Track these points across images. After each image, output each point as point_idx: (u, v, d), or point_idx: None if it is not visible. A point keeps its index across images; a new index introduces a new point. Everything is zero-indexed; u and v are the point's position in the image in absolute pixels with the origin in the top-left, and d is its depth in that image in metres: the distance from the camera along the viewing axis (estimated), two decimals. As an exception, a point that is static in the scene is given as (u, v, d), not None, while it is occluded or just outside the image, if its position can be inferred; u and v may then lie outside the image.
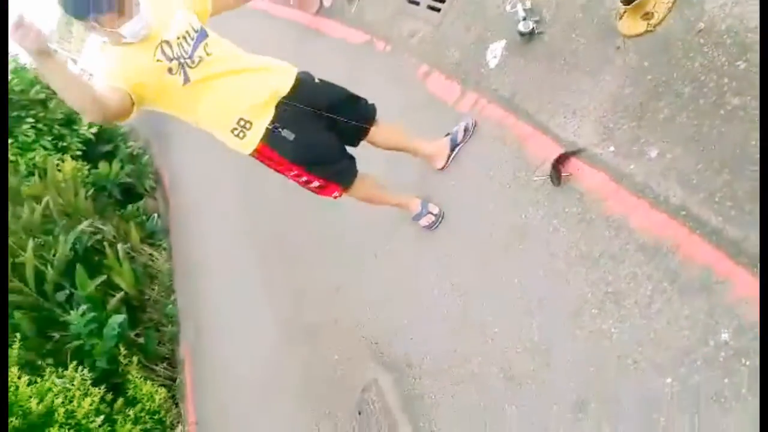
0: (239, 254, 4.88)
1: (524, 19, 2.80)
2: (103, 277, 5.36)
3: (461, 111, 3.00)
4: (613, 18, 2.38)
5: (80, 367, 3.99)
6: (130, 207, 7.69)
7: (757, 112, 1.70)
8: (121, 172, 7.92)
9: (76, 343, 4.53)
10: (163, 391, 4.78)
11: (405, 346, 2.65)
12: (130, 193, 8.05)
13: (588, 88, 2.34)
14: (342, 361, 3.06)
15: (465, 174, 2.75)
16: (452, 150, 2.82)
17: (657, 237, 1.83)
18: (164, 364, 5.42)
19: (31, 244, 5.22)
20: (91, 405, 3.64)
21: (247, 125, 2.24)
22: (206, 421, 4.37)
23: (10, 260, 5.20)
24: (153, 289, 6.39)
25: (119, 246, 6.29)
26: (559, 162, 2.22)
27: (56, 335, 4.69)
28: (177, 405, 4.89)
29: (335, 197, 2.53)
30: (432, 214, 2.73)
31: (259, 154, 2.32)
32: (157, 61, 2.05)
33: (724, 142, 1.76)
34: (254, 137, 2.27)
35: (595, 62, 2.37)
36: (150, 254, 6.94)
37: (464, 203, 2.67)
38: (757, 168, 1.63)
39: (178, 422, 4.60)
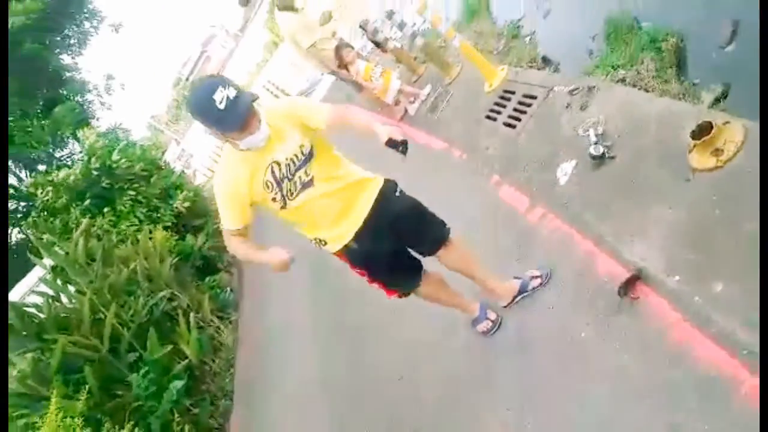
0: (302, 340, 4.99)
1: (596, 143, 2.93)
2: (171, 347, 5.59)
3: (531, 222, 3.09)
4: (684, 151, 2.45)
5: (136, 429, 4.12)
6: (207, 279, 8.06)
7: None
8: (204, 245, 8.38)
9: (136, 404, 4.70)
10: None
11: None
12: (210, 266, 8.46)
13: (656, 215, 2.38)
14: None
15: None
16: (520, 293, 2.77)
17: (718, 372, 1.79)
18: (211, 439, 5.48)
19: (114, 306, 5.57)
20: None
21: (323, 243, 2.44)
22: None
23: (90, 317, 5.57)
24: (214, 361, 6.57)
25: (191, 315, 6.58)
26: (628, 284, 2.24)
27: (120, 393, 4.89)
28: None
29: (395, 299, 2.66)
30: (489, 320, 2.76)
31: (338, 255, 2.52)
32: (267, 184, 2.23)
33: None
34: (329, 249, 2.48)
35: (664, 190, 2.43)
36: (218, 327, 7.18)
37: (524, 316, 2.69)
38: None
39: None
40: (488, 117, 4.30)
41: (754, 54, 3.61)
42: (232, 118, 2.00)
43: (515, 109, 4.07)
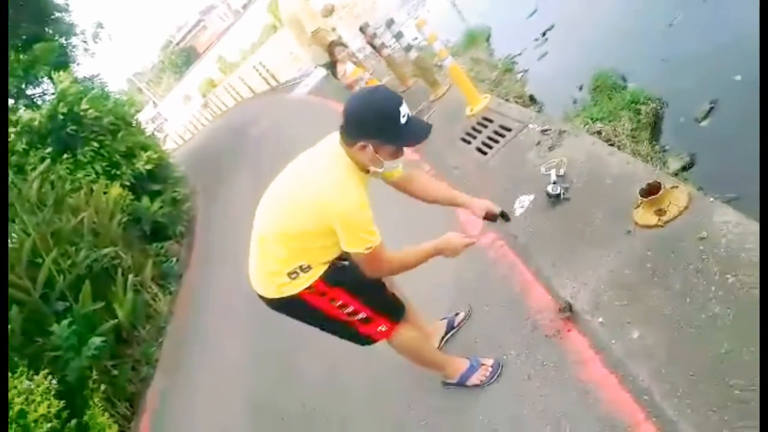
0: (235, 323, 4.96)
1: (555, 183, 3.05)
2: (103, 304, 5.49)
3: (480, 245, 3.18)
4: (631, 205, 2.58)
5: (50, 377, 4.04)
6: (155, 245, 7.94)
7: (731, 323, 1.82)
8: (159, 211, 8.26)
9: (55, 353, 4.60)
10: (115, 428, 4.71)
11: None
12: (161, 233, 8.34)
13: (594, 259, 2.49)
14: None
15: (464, 301, 2.87)
16: (447, 332, 2.76)
17: (617, 413, 1.89)
18: (127, 403, 5.38)
19: (54, 253, 5.46)
20: (46, 412, 3.65)
21: (307, 269, 2.09)
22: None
23: (29, 258, 5.43)
24: (145, 328, 6.47)
25: (130, 277, 6.48)
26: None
27: (40, 341, 4.78)
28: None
29: (380, 333, 2.26)
30: (486, 365, 2.43)
31: (305, 293, 2.12)
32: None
33: (697, 343, 1.86)
34: (310, 278, 2.11)
35: (606, 238, 2.55)
36: (155, 294, 7.09)
37: (457, 335, 2.76)
38: (722, 376, 1.72)
39: (119, 465, 4.51)
40: (463, 139, 4.40)
41: (724, 133, 3.83)
42: (418, 132, 1.94)
43: (489, 137, 4.18)
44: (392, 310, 2.29)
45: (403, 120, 1.89)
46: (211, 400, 4.37)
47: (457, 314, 2.81)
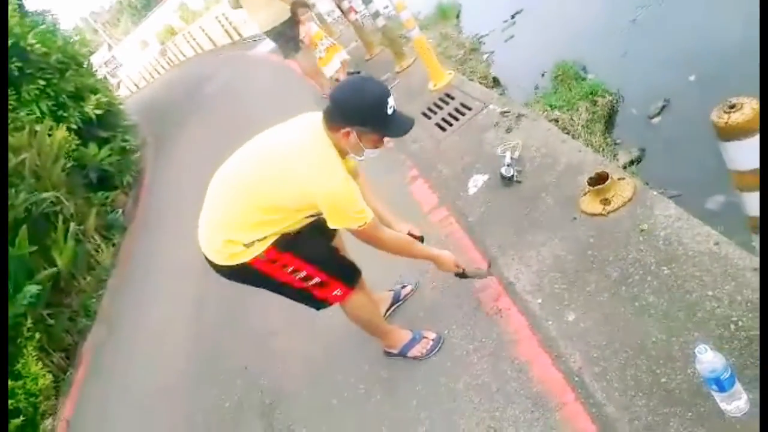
0: (179, 280, 4.88)
1: (508, 165, 3.10)
2: (35, 248, 5.29)
3: (431, 220, 3.21)
4: (578, 192, 2.65)
5: (-18, 323, 3.90)
6: (100, 194, 7.68)
7: (663, 314, 1.91)
8: (106, 159, 7.97)
9: (-13, 299, 4.44)
10: (49, 378, 4.62)
11: (295, 415, 2.68)
12: (106, 183, 8.07)
13: (539, 242, 2.56)
14: (231, 409, 3.05)
15: (412, 275, 2.90)
16: (393, 304, 2.79)
17: (548, 391, 1.97)
18: (62, 354, 5.27)
19: (-9, 191, 5.20)
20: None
21: (263, 239, 2.06)
22: (79, 423, 4.20)
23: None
24: (86, 278, 6.30)
25: (72, 225, 6.26)
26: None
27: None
28: (57, 397, 4.71)
29: (336, 296, 2.25)
30: (428, 339, 2.46)
31: (256, 260, 2.08)
32: None
33: (629, 331, 1.95)
34: (262, 245, 2.07)
35: (552, 223, 2.62)
36: (98, 245, 6.89)
37: (402, 307, 2.80)
38: (650, 363, 1.81)
39: (51, 414, 4.42)
40: (424, 114, 4.41)
41: (673, 131, 3.96)
42: (403, 124, 1.98)
43: (450, 114, 4.20)
44: (347, 274, 2.29)
45: (389, 111, 1.93)
46: (150, 357, 4.32)
47: (404, 287, 2.84)
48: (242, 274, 2.14)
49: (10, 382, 4.04)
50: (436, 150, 3.91)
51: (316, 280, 2.19)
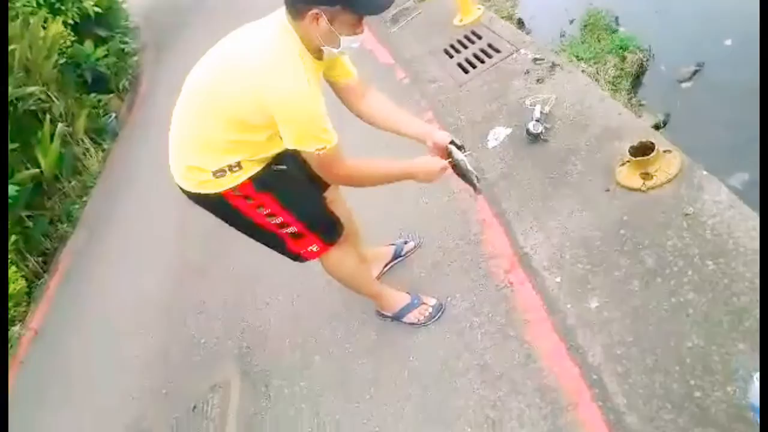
0: (165, 199, 4.59)
1: (537, 120, 2.78)
2: (17, 145, 4.99)
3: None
4: (615, 161, 2.35)
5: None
6: (93, 96, 7.29)
7: (703, 316, 1.66)
8: (102, 60, 7.53)
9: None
10: (22, 283, 4.43)
11: (273, 365, 2.48)
12: (101, 84, 7.64)
13: (564, 213, 2.28)
14: (207, 347, 2.85)
15: (415, 230, 2.64)
16: (393, 260, 2.52)
17: (560, 386, 1.75)
18: (39, 258, 5.06)
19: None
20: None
21: (236, 168, 1.75)
22: (48, 334, 4.02)
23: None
24: (71, 182, 6.03)
25: (60, 125, 5.94)
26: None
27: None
28: (29, 304, 4.53)
29: (310, 252, 1.97)
30: (427, 305, 2.21)
31: (228, 192, 1.78)
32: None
33: (662, 330, 1.71)
34: (237, 178, 1.76)
35: (581, 192, 2.33)
36: (87, 149, 6.57)
37: (403, 265, 2.54)
38: (683, 372, 1.58)
39: (20, 321, 4.25)
40: (446, 51, 4.03)
41: (703, 98, 3.65)
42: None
43: (475, 55, 3.82)
44: (327, 229, 1.97)
45: None
46: (129, 273, 4.09)
47: (406, 242, 2.57)
48: (212, 205, 1.84)
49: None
50: (456, 93, 3.55)
51: (292, 229, 1.89)
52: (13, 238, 4.57)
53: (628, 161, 2.28)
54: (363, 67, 4.28)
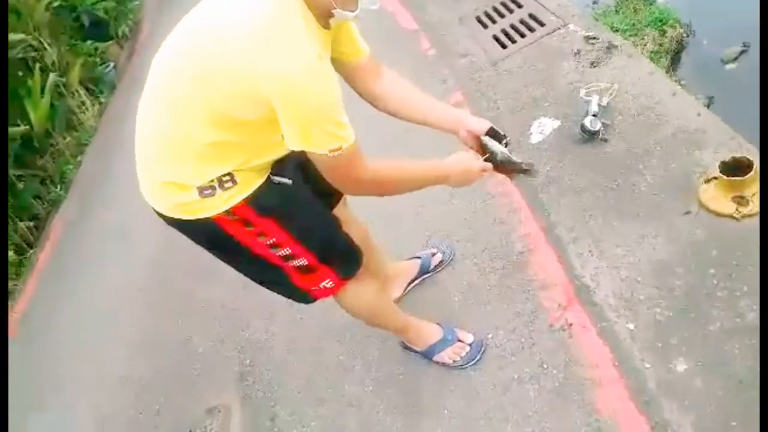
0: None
1: (595, 115, 2.37)
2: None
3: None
4: (697, 177, 1.97)
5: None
6: (89, 42, 6.82)
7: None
8: (100, 3, 7.06)
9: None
10: (11, 255, 4.09)
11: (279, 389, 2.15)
12: (98, 30, 7.16)
13: (632, 237, 1.91)
14: (207, 360, 2.50)
15: (446, 239, 2.27)
16: (419, 276, 2.16)
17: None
18: (30, 223, 4.71)
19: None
20: None
21: (229, 183, 1.31)
22: (32, 317, 3.70)
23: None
24: (65, 139, 5.62)
25: (52, 75, 5.51)
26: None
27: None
28: (18, 276, 4.21)
29: (323, 290, 1.56)
30: (464, 342, 1.87)
31: (221, 218, 1.35)
32: None
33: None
34: (231, 198, 1.33)
35: (653, 211, 1.96)
36: (82, 101, 6.14)
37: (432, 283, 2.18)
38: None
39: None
40: (479, 20, 3.55)
41: (749, 81, 3.24)
42: None
43: (514, 27, 3.35)
44: (344, 259, 1.57)
45: None
46: (121, 254, 3.73)
47: (434, 254, 2.18)
48: (196, 232, 1.41)
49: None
50: (491, 72, 3.11)
51: (301, 261, 1.47)
52: (1, 200, 4.22)
53: (715, 178, 1.89)
54: (382, 33, 3.84)
